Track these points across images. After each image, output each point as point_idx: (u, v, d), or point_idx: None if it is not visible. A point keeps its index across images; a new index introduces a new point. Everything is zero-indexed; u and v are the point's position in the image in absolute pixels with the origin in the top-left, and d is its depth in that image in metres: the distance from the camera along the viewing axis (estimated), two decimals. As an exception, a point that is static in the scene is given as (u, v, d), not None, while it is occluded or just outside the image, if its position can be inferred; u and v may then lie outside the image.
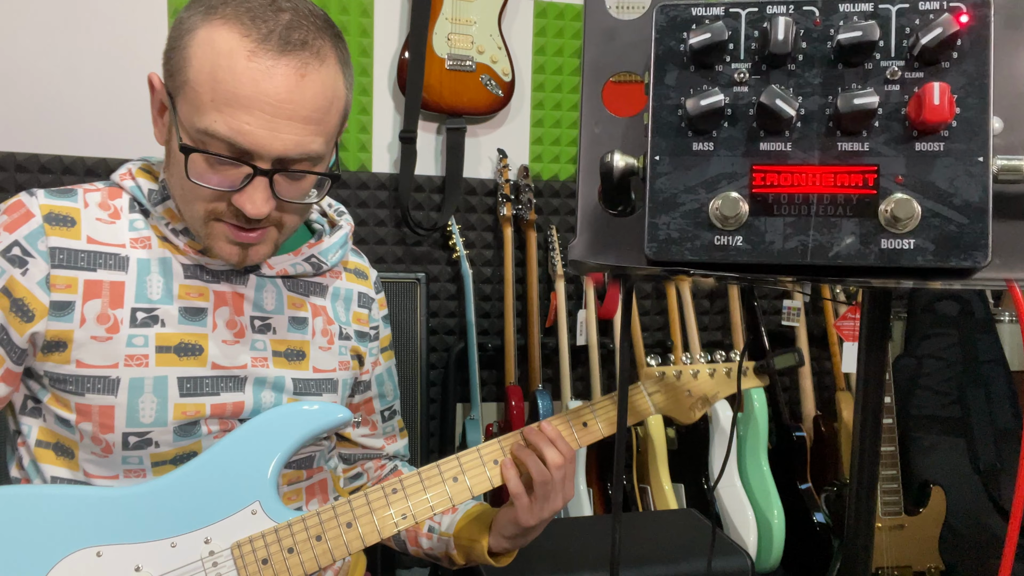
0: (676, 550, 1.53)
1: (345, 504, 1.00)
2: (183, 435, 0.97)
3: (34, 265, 0.91)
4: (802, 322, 2.50)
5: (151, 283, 0.96)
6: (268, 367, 1.02)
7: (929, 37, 0.54)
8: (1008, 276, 0.57)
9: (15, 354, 0.93)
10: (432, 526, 1.17)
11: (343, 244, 1.10)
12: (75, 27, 2.08)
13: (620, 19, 0.64)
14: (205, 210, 0.90)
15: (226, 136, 0.84)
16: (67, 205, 0.95)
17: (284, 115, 0.85)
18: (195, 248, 0.97)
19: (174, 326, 0.96)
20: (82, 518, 0.93)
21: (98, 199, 0.98)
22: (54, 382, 0.94)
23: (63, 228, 0.93)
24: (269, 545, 0.96)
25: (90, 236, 0.94)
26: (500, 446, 1.07)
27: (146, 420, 0.95)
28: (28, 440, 0.99)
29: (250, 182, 0.87)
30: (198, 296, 0.98)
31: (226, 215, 0.90)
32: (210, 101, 0.84)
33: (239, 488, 0.97)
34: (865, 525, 0.80)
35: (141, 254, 0.96)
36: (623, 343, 0.74)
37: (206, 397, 0.98)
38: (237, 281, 1.01)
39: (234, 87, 0.83)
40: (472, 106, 2.34)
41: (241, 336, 1.00)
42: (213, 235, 0.92)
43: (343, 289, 1.13)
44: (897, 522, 2.23)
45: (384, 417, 1.25)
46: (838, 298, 2.43)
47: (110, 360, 0.93)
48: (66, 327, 0.92)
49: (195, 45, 0.85)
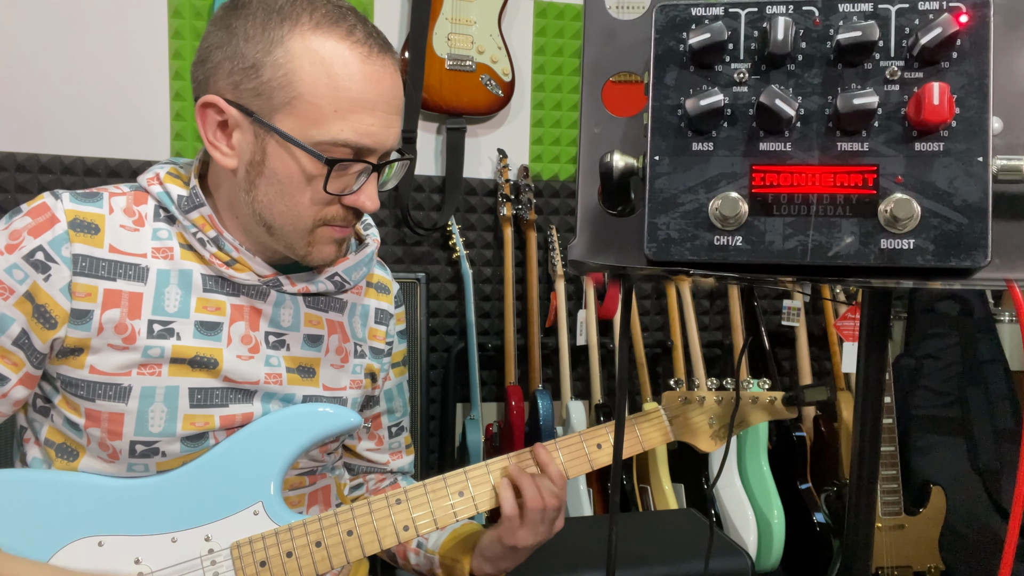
0: (676, 550, 1.53)
1: (347, 511, 0.99)
2: (190, 446, 0.97)
3: (56, 271, 0.90)
4: (802, 322, 2.50)
5: (169, 295, 0.95)
6: (281, 384, 1.01)
7: (929, 37, 0.54)
8: (1008, 276, 0.57)
9: (36, 359, 0.93)
10: (420, 541, 1.15)
11: (368, 262, 1.08)
12: (75, 27, 2.08)
13: (620, 19, 0.64)
14: (315, 218, 0.92)
15: (354, 141, 0.87)
16: (92, 211, 0.93)
17: (394, 110, 0.91)
18: (222, 259, 0.96)
19: (189, 339, 0.95)
20: (87, 507, 0.94)
21: (123, 204, 0.96)
22: (66, 385, 0.94)
23: (87, 235, 0.92)
24: (268, 547, 0.95)
25: (112, 245, 0.93)
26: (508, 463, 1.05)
27: (154, 429, 0.94)
28: (37, 437, 0.99)
29: (367, 180, 0.91)
30: (215, 310, 0.97)
31: (336, 218, 0.93)
32: (334, 111, 0.86)
33: (243, 488, 0.97)
34: (865, 525, 0.80)
35: (162, 265, 0.95)
36: (623, 343, 0.74)
37: (215, 408, 0.97)
38: (257, 296, 0.99)
39: (358, 93, 0.86)
40: (472, 106, 2.34)
41: (256, 351, 0.99)
42: (317, 240, 0.94)
43: (361, 305, 1.11)
44: (897, 522, 2.23)
45: (391, 433, 1.23)
46: (838, 298, 2.43)
47: (124, 368, 0.93)
48: (84, 335, 0.91)
49: (297, 58, 0.85)
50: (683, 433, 1.13)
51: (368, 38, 0.88)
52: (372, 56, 0.88)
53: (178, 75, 2.15)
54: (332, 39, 0.86)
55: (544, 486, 1.02)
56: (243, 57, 0.87)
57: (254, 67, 0.86)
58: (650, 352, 2.51)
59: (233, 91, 0.88)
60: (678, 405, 1.14)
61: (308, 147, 0.87)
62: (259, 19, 0.86)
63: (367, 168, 0.91)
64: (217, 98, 0.89)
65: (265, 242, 0.96)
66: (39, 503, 0.93)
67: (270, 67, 0.86)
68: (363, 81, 0.87)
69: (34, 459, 0.99)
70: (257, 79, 0.86)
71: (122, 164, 2.12)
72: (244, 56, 0.87)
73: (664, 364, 2.59)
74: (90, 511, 0.93)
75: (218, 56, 0.89)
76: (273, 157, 0.89)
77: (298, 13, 0.86)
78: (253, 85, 0.87)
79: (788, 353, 2.57)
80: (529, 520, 1.01)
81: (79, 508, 0.93)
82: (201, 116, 0.91)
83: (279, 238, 0.94)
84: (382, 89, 0.88)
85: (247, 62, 0.87)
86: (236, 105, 0.88)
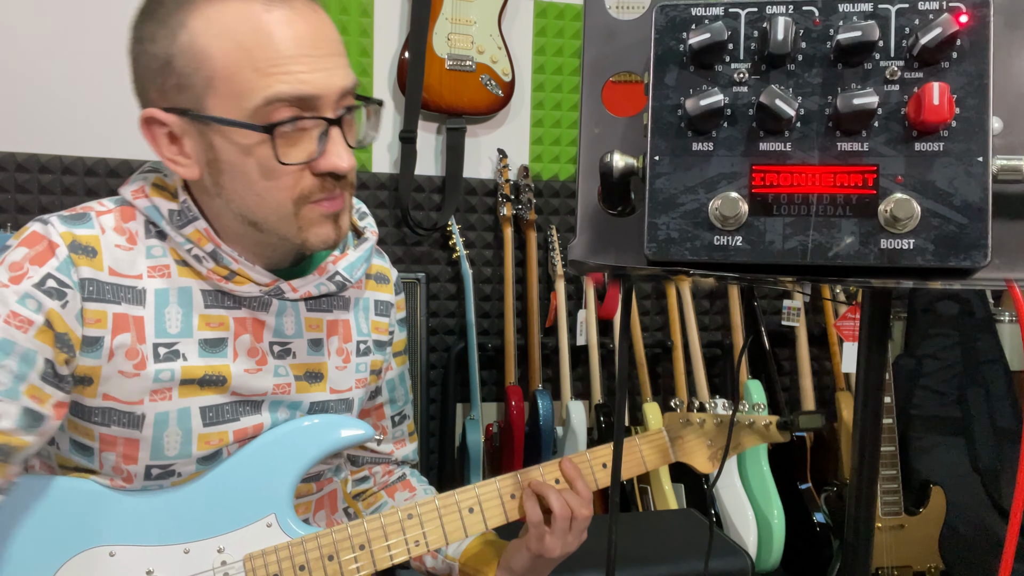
0: (676, 550, 1.53)
1: (360, 526, 0.99)
2: (205, 464, 0.96)
3: (72, 297, 0.86)
4: (802, 322, 2.50)
5: (169, 316, 0.91)
6: (290, 393, 0.99)
7: (929, 37, 0.54)
8: (1008, 276, 0.57)
9: (66, 385, 0.88)
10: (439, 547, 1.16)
11: (367, 258, 1.04)
12: (75, 27, 2.08)
13: (620, 19, 0.64)
14: (293, 197, 0.86)
15: (287, 93, 0.81)
16: (87, 233, 0.89)
17: (324, 52, 0.83)
18: (220, 274, 0.92)
19: (195, 359, 0.92)
20: (99, 516, 0.92)
21: (112, 223, 0.91)
22: (75, 412, 0.91)
23: (88, 258, 0.87)
24: (281, 560, 0.95)
25: (111, 267, 0.89)
26: (518, 480, 1.06)
27: (170, 453, 0.93)
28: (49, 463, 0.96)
29: (328, 138, 0.84)
30: (218, 326, 0.94)
31: (315, 191, 0.87)
32: (254, 73, 0.81)
33: (256, 499, 0.96)
34: (865, 525, 0.80)
35: (159, 284, 0.91)
36: (623, 343, 0.74)
37: (228, 424, 0.95)
38: (259, 308, 0.96)
39: (272, 46, 0.81)
40: (472, 106, 2.34)
41: (264, 364, 0.97)
42: (307, 221, 0.88)
43: (362, 299, 1.10)
44: (897, 522, 2.23)
45: (394, 422, 1.23)
46: (838, 298, 2.43)
47: (136, 396, 0.90)
48: (95, 363, 0.88)
49: (200, 35, 0.81)
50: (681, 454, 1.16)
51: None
52: (273, 4, 0.82)
53: (178, 75, 2.15)
54: (228, 3, 0.81)
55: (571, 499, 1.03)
56: (155, 58, 0.84)
57: (167, 63, 0.83)
58: (650, 352, 2.51)
59: (162, 97, 0.85)
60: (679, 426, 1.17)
61: (243, 121, 0.82)
62: (158, 15, 0.84)
63: (321, 124, 0.84)
64: (153, 110, 0.86)
65: (259, 242, 0.93)
66: (50, 511, 0.91)
67: (179, 56, 0.82)
68: (272, 32, 0.81)
69: None
70: (174, 73, 0.83)
71: (122, 164, 2.12)
72: (155, 56, 0.84)
73: (664, 364, 2.59)
74: (102, 520, 0.92)
75: (139, 69, 0.87)
76: (221, 149, 0.84)
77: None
78: (174, 81, 0.83)
79: (788, 353, 2.57)
80: (558, 529, 1.01)
81: (90, 517, 0.91)
82: (149, 135, 0.87)
83: (269, 232, 0.90)
84: (297, 32, 0.82)
85: (159, 61, 0.84)
86: (169, 110, 0.85)
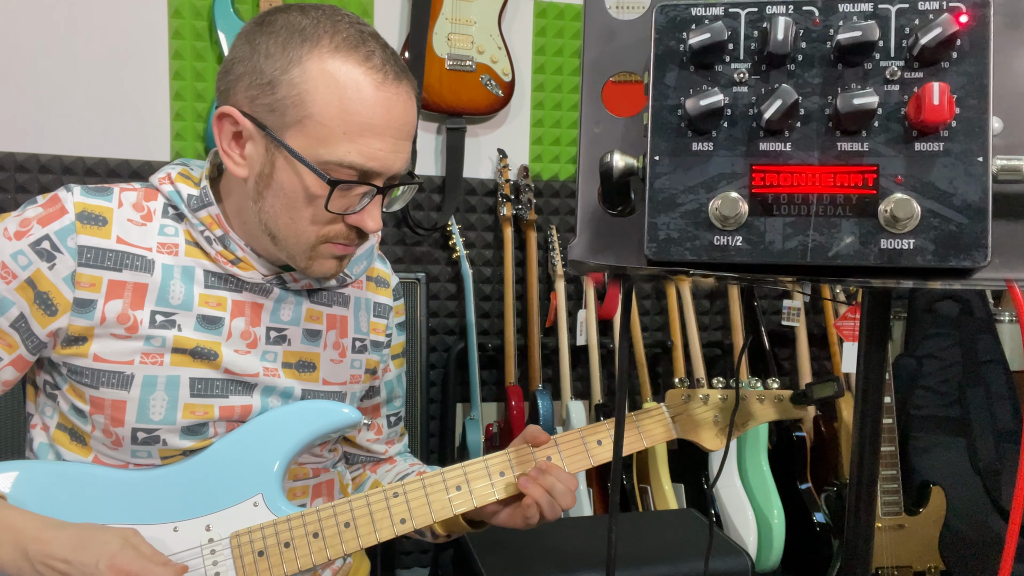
0: (676, 550, 1.53)
1: (345, 504, 1.01)
2: (190, 435, 0.99)
3: (61, 261, 0.93)
4: (802, 322, 2.50)
5: (173, 288, 0.97)
6: (279, 377, 1.03)
7: (929, 37, 0.54)
8: (1008, 276, 0.57)
9: (32, 343, 0.95)
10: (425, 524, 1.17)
11: (368, 256, 1.12)
12: (75, 27, 2.08)
13: (620, 19, 0.64)
14: (318, 235, 0.94)
15: (360, 164, 0.90)
16: (101, 204, 0.97)
17: (403, 136, 0.93)
18: (227, 258, 0.99)
19: (190, 332, 0.98)
20: (90, 496, 0.97)
21: (133, 199, 0.99)
22: (71, 373, 0.97)
23: (94, 227, 0.95)
24: (267, 538, 0.98)
25: (120, 236, 0.96)
26: (508, 458, 1.06)
27: (155, 417, 0.97)
28: (45, 423, 1.02)
29: (371, 201, 0.93)
30: (216, 305, 1.00)
31: (339, 236, 0.95)
32: (343, 133, 0.88)
33: (244, 480, 1.00)
34: (865, 525, 0.80)
35: (167, 259, 0.98)
36: (623, 343, 0.74)
37: (215, 399, 0.99)
38: (260, 293, 1.02)
39: (368, 117, 0.89)
40: (472, 106, 2.34)
41: (254, 347, 1.02)
42: (318, 255, 0.96)
43: (363, 299, 1.15)
44: (897, 522, 2.23)
45: (390, 422, 1.27)
46: (838, 298, 2.43)
47: (126, 357, 0.96)
48: (87, 323, 0.94)
49: (312, 79, 0.88)
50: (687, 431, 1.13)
51: (385, 64, 0.90)
52: (387, 83, 0.90)
53: (178, 75, 2.15)
54: (349, 63, 0.88)
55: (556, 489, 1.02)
56: (261, 73, 0.90)
57: (271, 84, 0.89)
58: (650, 352, 2.51)
59: (249, 104, 0.91)
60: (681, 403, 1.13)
61: (313, 166, 0.89)
62: (281, 37, 0.89)
63: (371, 190, 0.93)
64: (234, 109, 0.92)
65: (269, 249, 0.99)
66: (44, 492, 0.96)
67: (286, 85, 0.88)
68: (374, 106, 0.89)
69: (40, 444, 1.02)
70: (272, 95, 0.89)
71: (122, 164, 2.12)
72: (263, 72, 0.90)
73: (664, 364, 2.59)
74: (94, 500, 0.96)
75: (239, 69, 0.92)
76: (281, 172, 0.91)
77: (319, 35, 0.89)
78: (268, 101, 0.90)
79: (788, 353, 2.57)
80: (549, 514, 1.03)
81: (83, 497, 0.96)
82: (218, 125, 0.94)
83: (282, 248, 0.97)
84: (393, 115, 0.90)
85: (265, 78, 0.90)
86: (251, 118, 0.91)
